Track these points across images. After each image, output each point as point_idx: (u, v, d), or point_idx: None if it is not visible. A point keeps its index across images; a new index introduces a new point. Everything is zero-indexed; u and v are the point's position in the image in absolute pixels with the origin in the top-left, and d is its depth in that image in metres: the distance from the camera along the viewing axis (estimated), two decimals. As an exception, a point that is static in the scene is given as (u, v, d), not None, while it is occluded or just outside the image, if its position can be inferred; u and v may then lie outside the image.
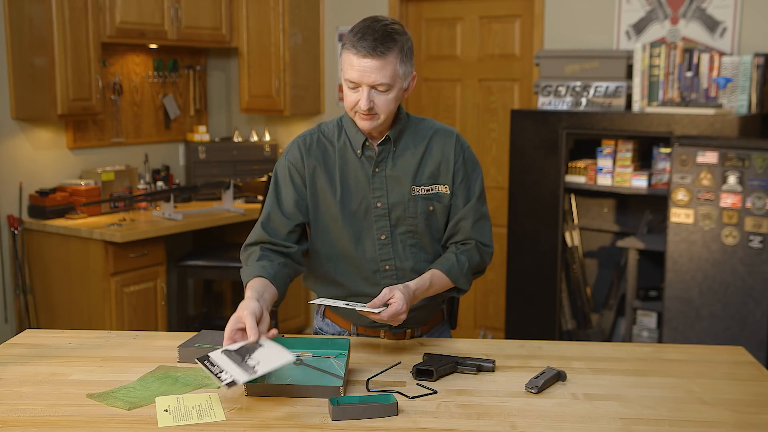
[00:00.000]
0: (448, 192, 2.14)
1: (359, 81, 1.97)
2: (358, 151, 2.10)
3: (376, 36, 1.95)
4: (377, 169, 2.10)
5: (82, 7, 4.07)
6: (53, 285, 4.22)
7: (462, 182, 2.14)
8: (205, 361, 1.75)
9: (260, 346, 1.76)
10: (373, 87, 1.98)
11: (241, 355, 1.74)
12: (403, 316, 1.95)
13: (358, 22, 2.01)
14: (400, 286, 1.98)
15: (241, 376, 1.67)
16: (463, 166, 2.15)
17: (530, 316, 4.01)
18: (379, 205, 2.10)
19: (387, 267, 2.11)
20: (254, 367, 1.70)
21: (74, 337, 2.18)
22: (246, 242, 2.14)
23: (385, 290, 1.95)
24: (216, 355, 1.77)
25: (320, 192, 2.12)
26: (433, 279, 2.07)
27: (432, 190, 2.12)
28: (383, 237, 2.11)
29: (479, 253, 2.16)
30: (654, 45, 3.83)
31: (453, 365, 1.91)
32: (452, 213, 2.15)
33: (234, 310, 1.83)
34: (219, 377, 1.69)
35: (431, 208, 2.12)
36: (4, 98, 4.16)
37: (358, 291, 2.13)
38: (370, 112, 2.00)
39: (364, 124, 2.04)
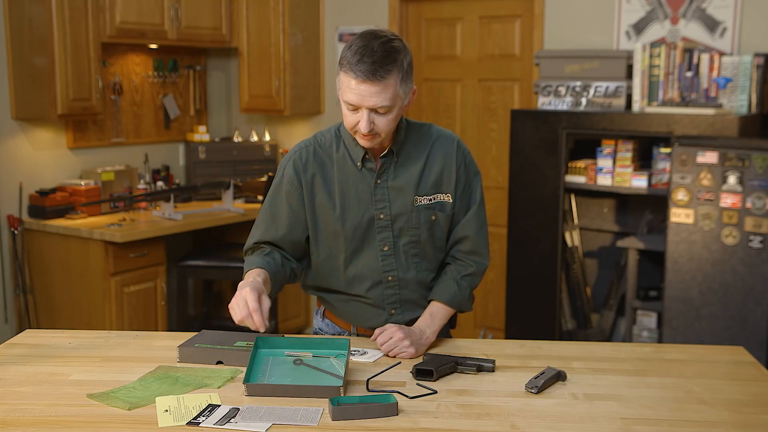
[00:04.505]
0: (451, 200, 2.12)
1: (359, 104, 1.92)
2: (359, 164, 2.07)
3: (375, 58, 1.87)
4: (379, 181, 2.07)
5: (82, 7, 4.07)
6: (53, 285, 4.22)
7: (464, 190, 2.14)
8: None
9: None
10: (372, 110, 1.93)
11: None
12: (403, 344, 2.02)
13: (356, 37, 1.94)
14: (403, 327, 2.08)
15: None
16: (465, 172, 2.14)
17: (530, 316, 4.01)
18: (381, 216, 2.08)
19: (390, 278, 2.11)
20: None
21: (74, 337, 2.18)
22: (253, 240, 2.15)
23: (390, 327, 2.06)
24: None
25: (319, 208, 2.09)
26: (437, 313, 2.13)
27: (435, 199, 2.10)
28: (386, 248, 2.10)
29: (478, 274, 2.19)
30: (654, 45, 3.83)
31: (453, 365, 1.91)
32: (455, 220, 2.15)
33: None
34: None
35: (433, 217, 2.11)
36: (4, 98, 4.16)
37: (361, 301, 2.14)
38: (371, 133, 1.96)
39: (364, 143, 2.00)
